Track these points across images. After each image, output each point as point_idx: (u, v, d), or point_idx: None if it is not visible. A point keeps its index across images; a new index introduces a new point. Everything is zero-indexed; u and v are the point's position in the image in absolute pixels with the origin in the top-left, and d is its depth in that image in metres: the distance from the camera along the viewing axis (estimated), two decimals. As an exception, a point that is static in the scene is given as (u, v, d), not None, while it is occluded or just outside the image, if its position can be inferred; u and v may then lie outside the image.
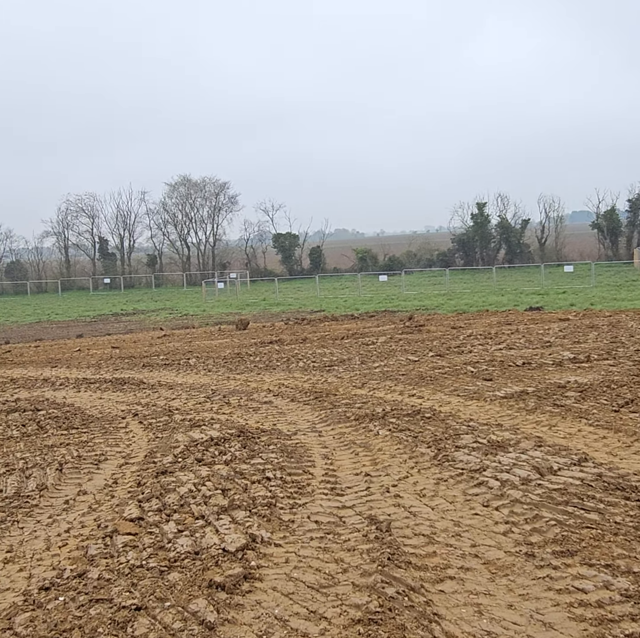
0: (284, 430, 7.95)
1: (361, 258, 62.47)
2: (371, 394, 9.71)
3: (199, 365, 13.32)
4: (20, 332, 28.34)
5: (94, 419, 8.94)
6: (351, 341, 15.73)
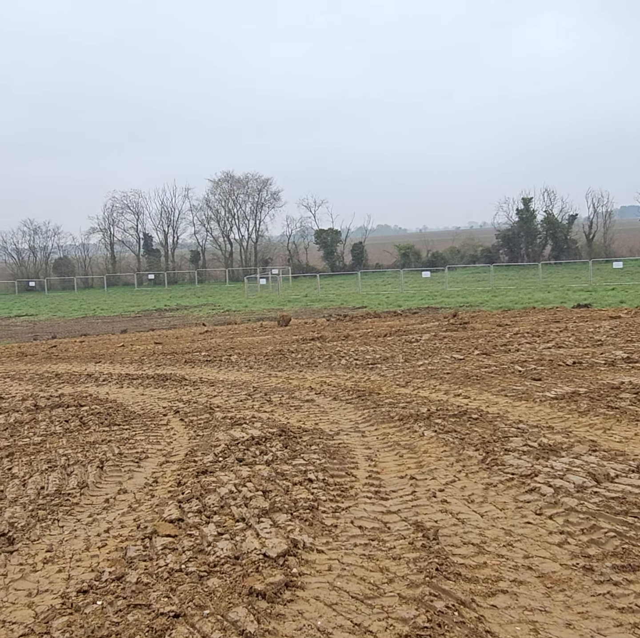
0: (326, 429, 7.78)
1: (403, 254, 61.96)
2: (415, 393, 9.48)
3: (241, 361, 13.24)
4: (67, 327, 28.79)
5: (135, 416, 8.90)
6: (394, 338, 15.48)
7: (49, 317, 35.20)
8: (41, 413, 9.26)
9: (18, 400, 10.26)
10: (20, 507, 5.62)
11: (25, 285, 63.91)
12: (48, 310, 39.38)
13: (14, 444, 7.68)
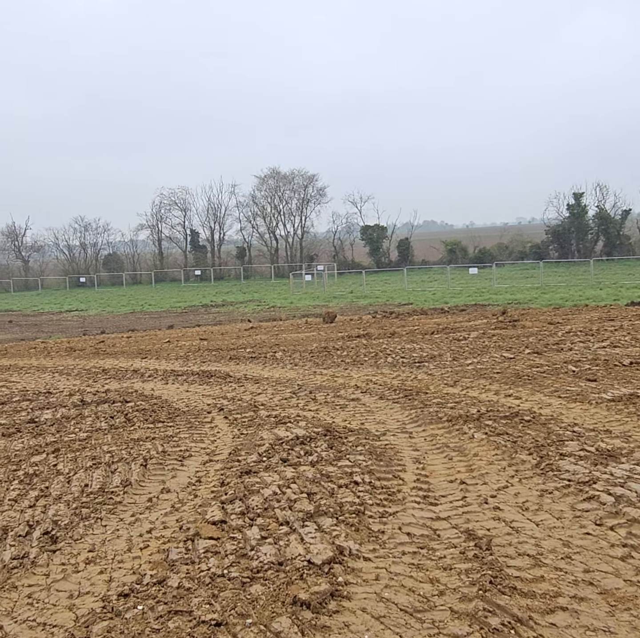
0: (373, 430, 7.59)
1: (450, 250, 61.22)
2: (464, 393, 9.21)
3: (285, 358, 13.13)
4: (116, 322, 29.19)
5: (180, 413, 8.85)
6: (441, 336, 15.18)
7: (98, 312, 35.77)
8: (87, 408, 9.29)
9: (65, 395, 10.33)
10: (64, 505, 5.58)
11: (76, 281, 65.24)
12: (97, 306, 40.04)
13: (60, 440, 7.70)
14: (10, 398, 10.25)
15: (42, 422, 8.60)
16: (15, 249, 71.11)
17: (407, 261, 59.65)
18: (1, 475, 6.48)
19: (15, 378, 12.35)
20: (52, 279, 68.21)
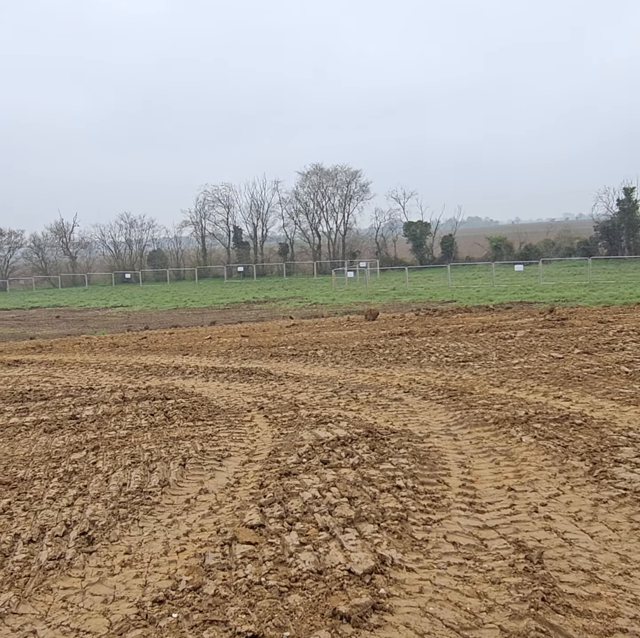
0: (416, 431, 7.37)
1: (495, 247, 60.25)
2: (511, 394, 8.91)
3: (327, 356, 12.96)
4: (159, 318, 29.39)
5: (219, 411, 8.75)
6: (486, 334, 14.83)
7: (143, 308, 36.09)
8: (128, 405, 9.27)
9: (107, 391, 10.34)
10: (102, 504, 5.51)
11: (122, 277, 66.12)
12: (142, 302, 40.42)
13: (100, 437, 7.66)
14: (53, 394, 10.31)
15: (83, 418, 8.60)
16: (63, 246, 72.41)
17: (451, 258, 58.95)
18: (41, 472, 6.45)
19: (59, 374, 12.45)
20: (99, 275, 69.30)
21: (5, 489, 6.03)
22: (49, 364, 13.76)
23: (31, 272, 70.01)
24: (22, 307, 41.79)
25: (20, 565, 4.48)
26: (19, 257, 72.15)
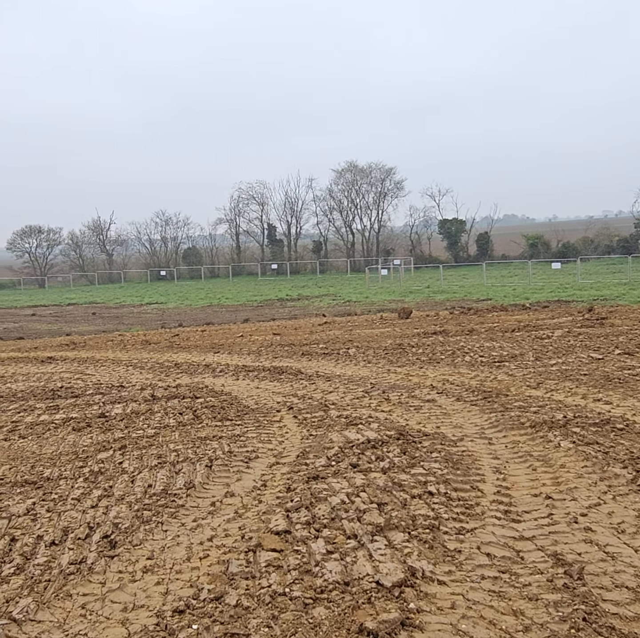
0: (449, 434, 7.14)
1: (532, 244, 59.30)
2: (548, 396, 8.62)
3: (359, 355, 12.76)
4: (193, 315, 29.49)
5: (249, 411, 8.62)
6: (523, 334, 14.47)
7: (177, 305, 36.28)
8: (157, 404, 9.19)
9: (137, 389, 10.29)
10: (126, 506, 5.41)
11: (157, 274, 66.70)
12: (176, 299, 40.65)
13: (128, 436, 7.59)
14: (84, 391, 10.30)
15: (112, 416, 8.54)
16: (100, 243, 73.30)
17: (487, 255, 58.19)
18: (67, 471, 6.38)
19: (90, 371, 12.46)
20: (134, 272, 70.00)
21: (32, 488, 5.97)
22: (82, 361, 13.81)
23: (69, 269, 71.07)
24: (59, 304, 42.40)
25: (41, 569, 4.39)
26: (57, 254, 73.24)
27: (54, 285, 67.86)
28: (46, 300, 46.38)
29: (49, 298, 48.50)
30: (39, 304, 42.77)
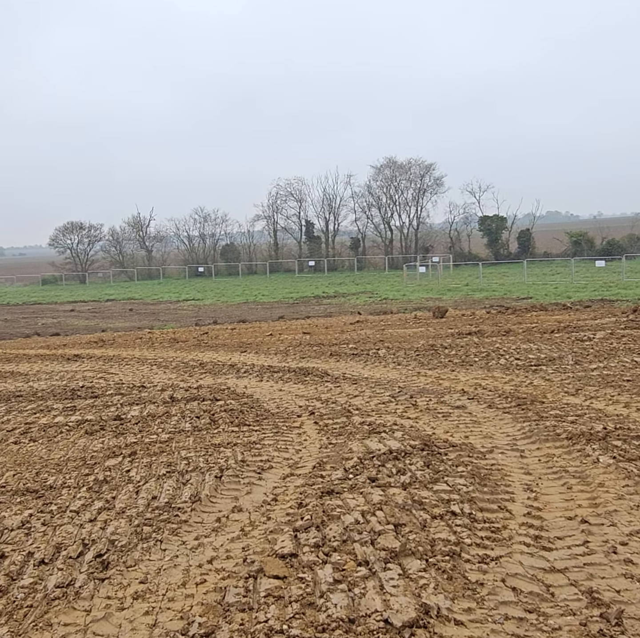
0: (478, 445, 6.65)
1: (575, 242, 57.80)
2: (588, 405, 8.05)
3: (389, 356, 12.29)
4: (228, 312, 29.33)
5: (268, 415, 8.24)
6: (562, 335, 13.81)
7: (213, 302, 36.24)
8: (176, 406, 8.88)
9: (158, 390, 10.00)
10: (126, 521, 5.06)
11: (195, 271, 66.95)
12: (213, 295, 40.62)
13: (140, 441, 7.27)
14: (104, 392, 10.05)
15: (127, 419, 8.25)
16: (140, 239, 73.88)
17: (528, 253, 56.93)
18: (72, 480, 6.08)
19: (114, 370, 12.24)
20: (173, 268, 70.40)
21: (32, 498, 5.68)
22: (107, 359, 13.62)
23: (109, 265, 71.81)
24: (98, 300, 42.81)
25: (25, 592, 4.06)
26: (98, 250, 74.08)
27: (94, 281, 68.66)
28: (86, 296, 46.88)
29: (88, 294, 49.03)
30: (78, 300, 43.24)
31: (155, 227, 74.88)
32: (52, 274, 71.35)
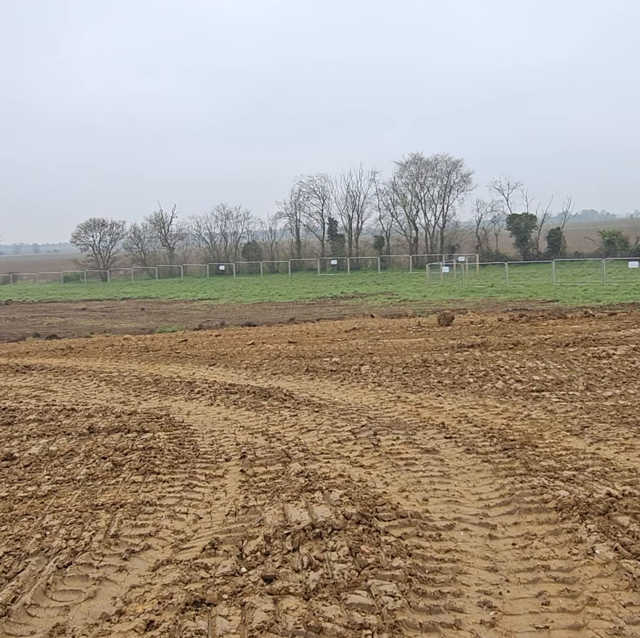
0: (436, 515, 4.95)
1: (608, 241, 55.13)
2: (593, 451, 6.28)
3: (371, 374, 10.59)
4: (240, 312, 28.08)
5: (191, 458, 6.61)
6: (577, 350, 11.94)
7: (228, 301, 35.06)
8: (90, 440, 7.32)
9: (84, 416, 8.46)
10: None
11: (216, 269, 65.72)
12: (230, 294, 39.42)
13: (11, 496, 5.69)
14: (24, 417, 8.54)
15: (20, 459, 6.69)
16: (162, 237, 72.87)
17: (558, 253, 54.51)
18: None
19: (56, 387, 10.73)
20: (194, 266, 69.29)
21: None
22: (59, 372, 12.12)
23: (131, 262, 70.96)
24: (114, 298, 41.88)
25: None
26: (120, 248, 73.31)
27: (116, 278, 67.91)
28: (104, 294, 46.07)
29: (106, 292, 48.19)
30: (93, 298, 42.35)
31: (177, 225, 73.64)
32: (74, 272, 70.74)
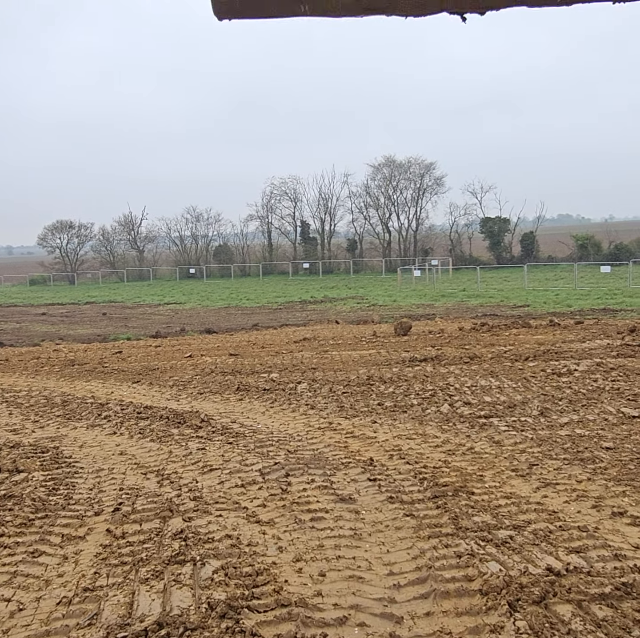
0: (328, 604, 3.83)
1: (581, 245, 54.61)
2: (538, 501, 5.20)
3: (306, 394, 9.47)
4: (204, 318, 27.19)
5: (56, 510, 5.41)
6: (537, 365, 10.87)
7: (194, 306, 34.04)
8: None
9: (-40, 449, 7.26)
10: None
11: (186, 272, 64.33)
12: (197, 299, 38.38)
13: None
14: None
15: None
16: (131, 239, 71.27)
17: (531, 257, 53.89)
18: None
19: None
20: (164, 269, 67.79)
21: None
22: (-37, 392, 10.87)
23: (99, 265, 69.31)
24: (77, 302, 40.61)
25: None
26: (88, 250, 71.61)
27: (84, 281, 66.28)
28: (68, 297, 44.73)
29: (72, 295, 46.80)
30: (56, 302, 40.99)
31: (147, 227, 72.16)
32: (41, 274, 68.97)
